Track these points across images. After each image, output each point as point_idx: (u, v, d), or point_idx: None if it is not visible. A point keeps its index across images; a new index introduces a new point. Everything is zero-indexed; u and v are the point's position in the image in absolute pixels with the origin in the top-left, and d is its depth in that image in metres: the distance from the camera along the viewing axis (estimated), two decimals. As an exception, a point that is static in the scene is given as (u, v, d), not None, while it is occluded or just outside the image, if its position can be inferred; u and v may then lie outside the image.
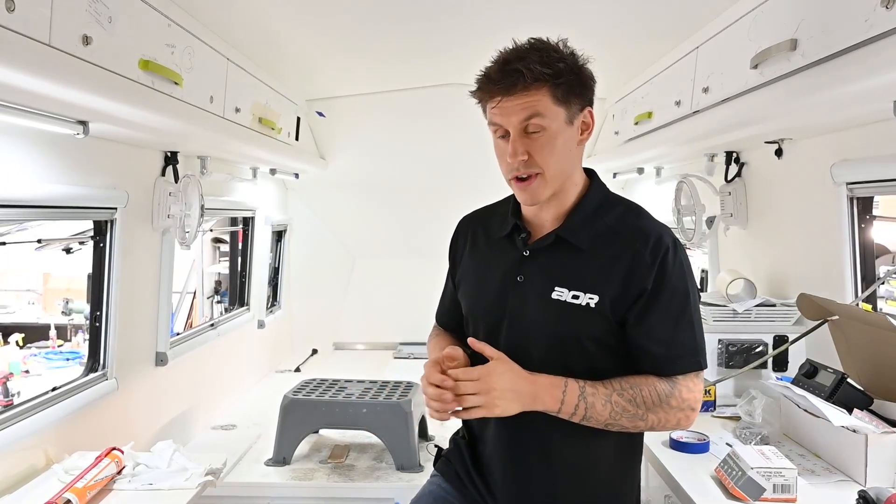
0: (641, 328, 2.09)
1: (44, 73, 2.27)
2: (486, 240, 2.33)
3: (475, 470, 2.33)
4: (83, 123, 2.87)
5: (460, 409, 2.03)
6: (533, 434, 2.16)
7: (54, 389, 3.25)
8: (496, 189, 2.37)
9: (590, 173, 2.26)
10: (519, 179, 2.09)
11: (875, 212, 3.33)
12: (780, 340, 3.65)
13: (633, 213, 2.21)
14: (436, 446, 2.59)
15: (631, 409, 2.04)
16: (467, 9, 3.99)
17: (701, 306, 3.75)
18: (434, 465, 2.51)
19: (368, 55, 5.07)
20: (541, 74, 1.97)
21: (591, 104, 2.13)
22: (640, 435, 2.31)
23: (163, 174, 4.01)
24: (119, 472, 2.97)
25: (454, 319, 2.48)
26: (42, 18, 2.22)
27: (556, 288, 2.11)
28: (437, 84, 5.93)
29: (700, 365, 2.13)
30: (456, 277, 2.42)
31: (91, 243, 3.59)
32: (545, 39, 2.06)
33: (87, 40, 2.46)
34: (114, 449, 3.02)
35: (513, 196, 2.23)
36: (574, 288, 2.09)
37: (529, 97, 1.99)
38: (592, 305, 2.07)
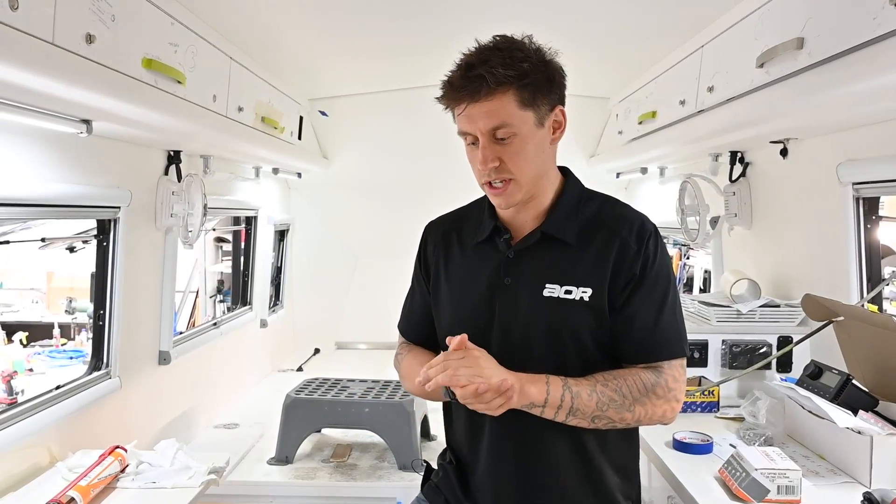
0: (625, 314, 2.06)
1: (47, 72, 2.28)
2: (460, 246, 2.27)
3: (463, 493, 2.28)
4: (86, 122, 2.87)
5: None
6: (530, 447, 2.11)
7: (58, 388, 3.26)
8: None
9: (564, 171, 2.22)
10: (492, 186, 2.05)
11: (881, 212, 3.32)
12: (784, 341, 3.64)
13: (611, 204, 2.19)
14: (424, 462, 2.54)
15: (617, 399, 2.00)
16: (472, 8, 3.99)
17: (705, 307, 3.78)
18: (422, 486, 2.45)
19: (371, 54, 5.07)
20: (504, 77, 1.92)
21: (562, 102, 2.07)
22: (636, 441, 2.28)
23: (166, 173, 4.01)
24: (122, 471, 2.98)
25: (424, 334, 2.40)
26: (45, 17, 2.23)
27: (548, 285, 2.07)
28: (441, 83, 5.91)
29: (684, 351, 2.12)
30: (430, 287, 2.35)
31: (94, 242, 3.59)
32: (509, 37, 2.01)
33: (90, 39, 2.46)
34: (117, 447, 3.02)
35: (486, 198, 2.19)
36: (566, 283, 2.06)
37: (495, 102, 1.94)
38: (586, 299, 2.05)
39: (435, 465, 2.45)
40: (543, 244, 2.12)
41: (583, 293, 2.05)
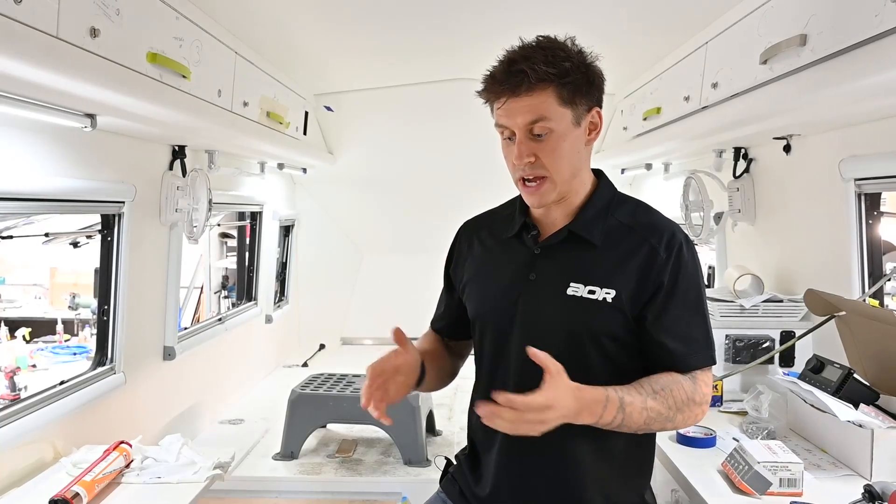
0: (661, 325, 2.06)
1: (51, 66, 2.29)
2: (492, 241, 2.29)
3: (474, 481, 2.29)
4: (91, 116, 2.89)
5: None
6: (538, 444, 2.05)
7: (63, 383, 3.27)
8: (506, 185, 2.31)
9: (597, 173, 2.23)
10: (526, 184, 2.07)
11: (883, 208, 3.33)
12: (787, 336, 3.65)
13: (643, 211, 2.19)
14: (445, 458, 2.53)
15: (664, 413, 2.01)
16: (478, 6, 4.00)
17: (709, 302, 3.78)
18: (440, 481, 2.45)
19: (377, 49, 5.07)
20: (545, 74, 1.94)
21: (599, 104, 2.09)
22: (653, 444, 2.29)
23: (170, 168, 4.02)
24: (127, 466, 2.98)
25: (447, 325, 2.44)
26: (49, 10, 2.23)
27: (572, 284, 2.07)
28: (447, 79, 5.93)
29: (713, 359, 2.12)
30: (458, 283, 2.37)
31: (98, 237, 3.61)
32: (552, 37, 2.02)
33: (94, 32, 2.47)
34: (122, 442, 3.03)
35: (519, 196, 2.21)
36: (590, 283, 2.06)
37: (534, 98, 1.96)
38: (609, 300, 2.04)
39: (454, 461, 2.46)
40: (570, 243, 2.12)
41: (606, 294, 2.05)
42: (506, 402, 1.83)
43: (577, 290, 2.07)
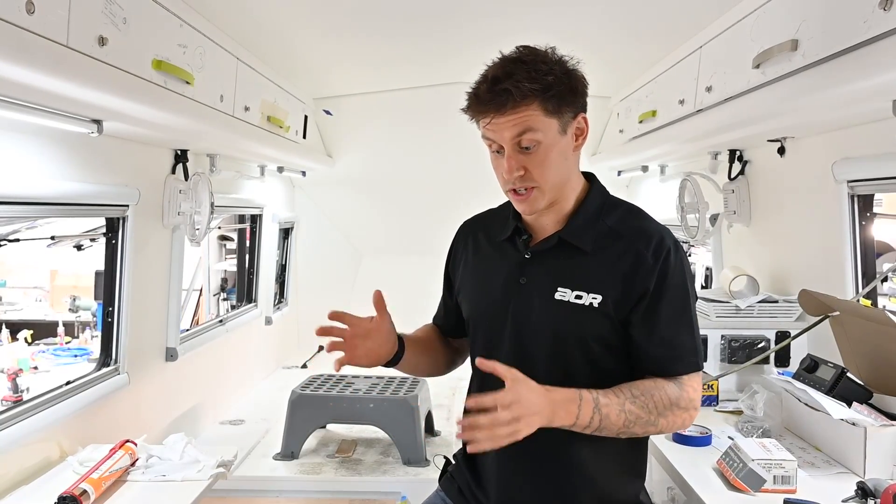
0: (646, 329, 2.08)
1: (61, 73, 2.33)
2: (487, 243, 2.32)
3: (474, 482, 2.32)
4: (97, 122, 2.93)
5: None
6: (536, 443, 2.01)
7: (68, 384, 3.31)
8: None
9: (589, 177, 2.26)
10: (516, 193, 2.09)
11: (877, 209, 3.35)
12: (781, 336, 3.68)
13: (634, 215, 2.21)
14: (444, 457, 2.55)
15: (644, 416, 2.02)
16: (473, 13, 4.03)
17: (704, 303, 3.81)
18: (439, 479, 2.48)
19: (375, 55, 5.10)
20: (529, 91, 1.95)
21: (584, 109, 2.10)
22: (645, 442, 2.29)
23: (173, 172, 4.06)
24: (133, 464, 3.02)
25: (448, 324, 2.49)
26: (60, 20, 2.28)
27: (560, 288, 2.10)
28: (445, 83, 5.94)
29: (699, 365, 2.15)
30: (456, 283, 2.41)
31: (101, 240, 3.64)
32: (533, 48, 2.03)
33: (102, 41, 2.51)
34: (127, 441, 3.06)
35: None
36: (577, 288, 2.09)
37: (520, 114, 1.97)
38: (596, 305, 2.07)
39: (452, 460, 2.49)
40: (560, 249, 2.15)
41: (593, 299, 2.07)
42: (475, 404, 1.85)
43: (564, 294, 2.10)
